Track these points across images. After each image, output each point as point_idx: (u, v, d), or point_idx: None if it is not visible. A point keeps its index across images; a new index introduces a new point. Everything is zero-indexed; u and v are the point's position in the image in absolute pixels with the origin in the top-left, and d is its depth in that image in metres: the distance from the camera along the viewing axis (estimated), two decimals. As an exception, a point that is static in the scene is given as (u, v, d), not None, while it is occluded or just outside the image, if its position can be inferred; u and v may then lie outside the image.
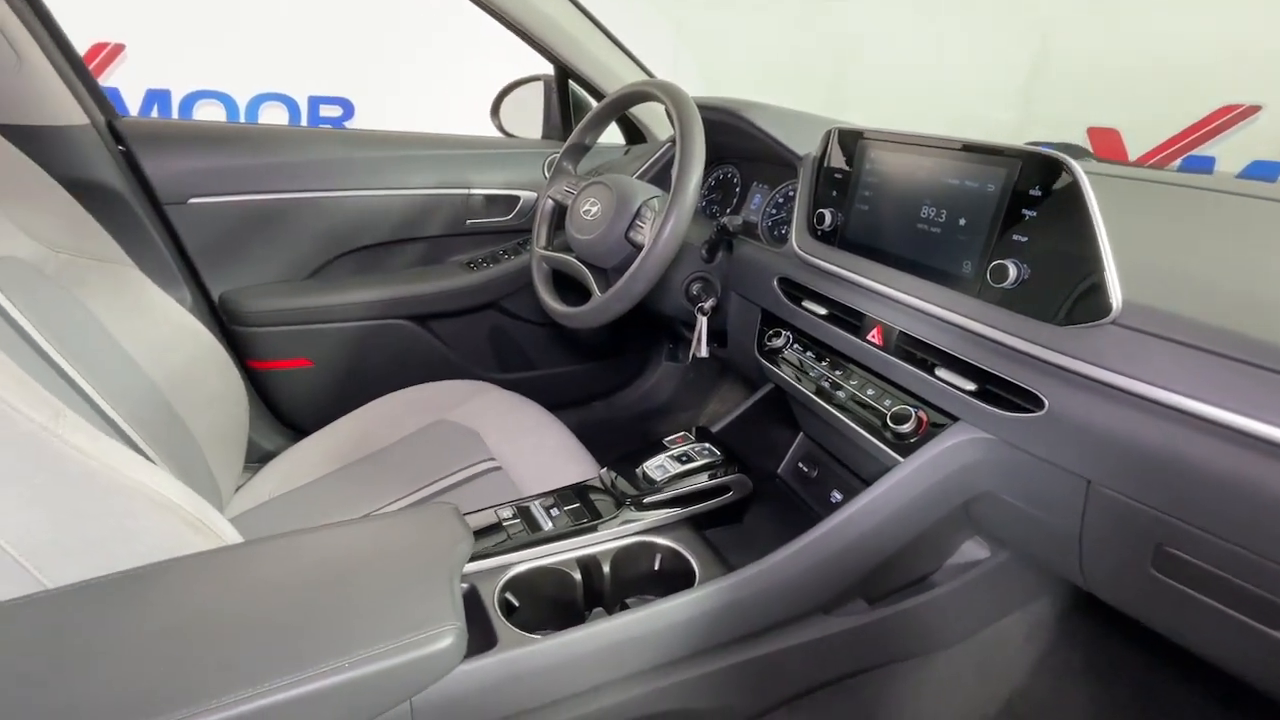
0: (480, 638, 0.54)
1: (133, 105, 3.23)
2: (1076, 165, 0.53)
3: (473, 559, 0.61)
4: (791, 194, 0.99)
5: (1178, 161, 2.35)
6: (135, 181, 1.02)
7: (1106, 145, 2.51)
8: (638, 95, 0.97)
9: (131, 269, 0.86)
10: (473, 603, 0.58)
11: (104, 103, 1.01)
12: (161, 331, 0.86)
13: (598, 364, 1.51)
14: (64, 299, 0.73)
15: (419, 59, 3.46)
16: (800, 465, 0.96)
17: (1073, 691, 0.89)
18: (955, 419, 0.64)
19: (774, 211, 1.05)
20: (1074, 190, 0.53)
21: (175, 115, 3.43)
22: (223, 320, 1.13)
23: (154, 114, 3.32)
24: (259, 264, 1.15)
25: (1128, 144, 2.45)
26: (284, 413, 1.22)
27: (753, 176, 1.13)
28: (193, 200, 1.07)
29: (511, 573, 0.62)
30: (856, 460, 0.85)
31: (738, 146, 1.12)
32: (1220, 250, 0.58)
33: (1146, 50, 2.32)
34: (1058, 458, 0.56)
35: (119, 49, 3.22)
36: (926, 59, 2.90)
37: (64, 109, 0.94)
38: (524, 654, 0.53)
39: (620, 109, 1.03)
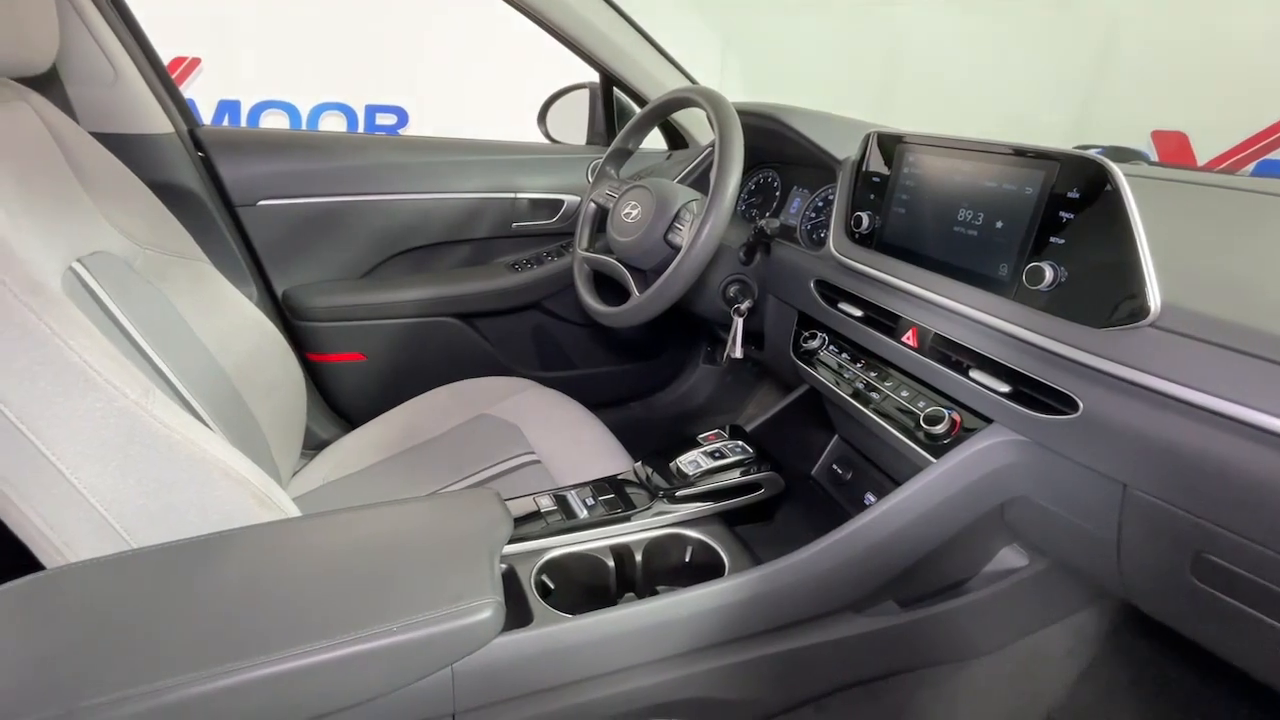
0: (517, 615, 0.57)
1: (207, 114, 3.45)
2: (1115, 167, 0.53)
3: (512, 542, 0.64)
4: (831, 197, 0.99)
5: (1250, 167, 2.23)
6: (212, 185, 1.10)
7: (1172, 149, 2.41)
8: (679, 101, 1.00)
9: (206, 265, 0.93)
10: (511, 582, 0.61)
11: (186, 113, 1.10)
12: (231, 323, 0.92)
13: (636, 365, 1.54)
14: (149, 291, 0.80)
15: (469, 68, 3.59)
16: (834, 467, 0.97)
17: (1116, 709, 0.87)
18: (989, 421, 0.64)
19: (813, 215, 1.06)
20: (1112, 192, 0.53)
21: (244, 123, 3.64)
22: (285, 315, 1.21)
23: (225, 122, 3.53)
24: (319, 262, 1.22)
25: (1196, 148, 2.35)
26: (338, 403, 1.28)
27: (793, 180, 1.14)
28: (262, 202, 1.15)
29: (548, 556, 0.65)
30: (891, 463, 0.85)
31: (778, 151, 1.13)
32: (1269, 253, 0.57)
33: (1218, 49, 2.22)
34: (1093, 461, 0.55)
35: (196, 62, 3.43)
36: (976, 61, 2.84)
37: (153, 119, 1.02)
38: (558, 631, 0.56)
39: (662, 115, 1.06)
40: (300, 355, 1.15)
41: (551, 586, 0.65)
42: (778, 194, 1.18)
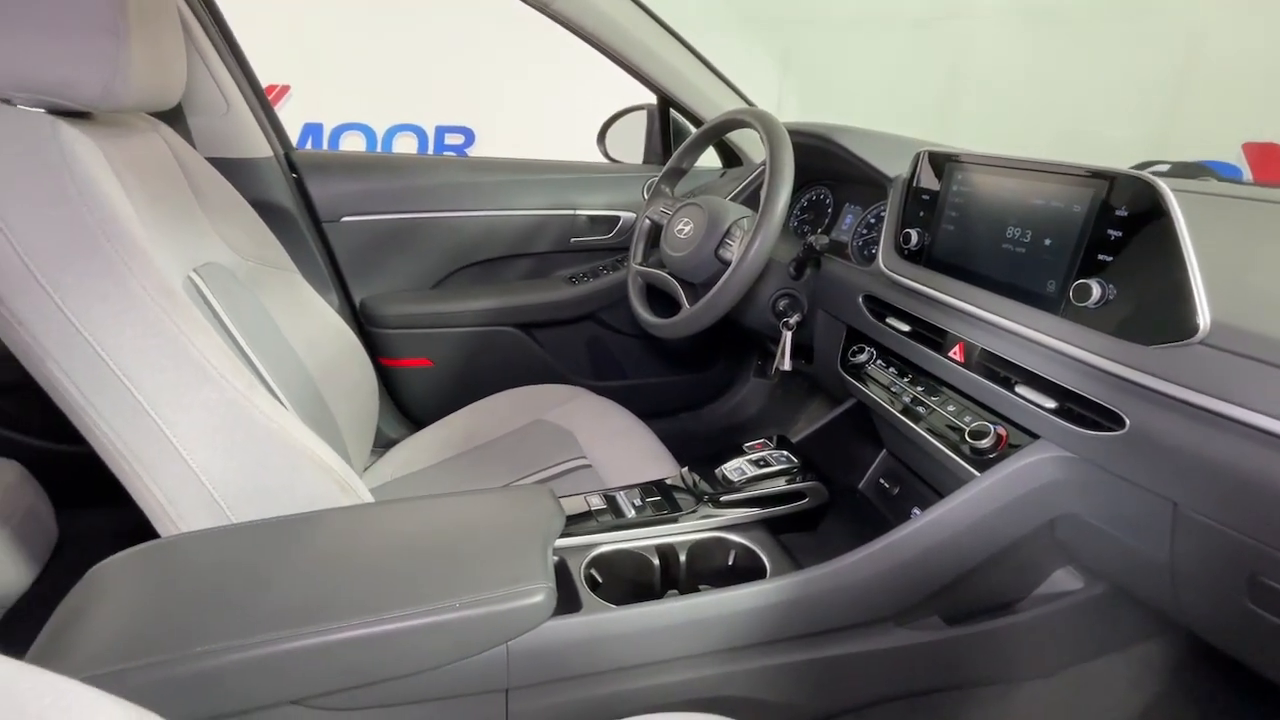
0: (567, 602, 0.61)
1: (293, 136, 3.73)
2: (1164, 185, 0.53)
3: (563, 536, 0.69)
4: (882, 214, 1.01)
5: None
6: (302, 202, 1.21)
7: (1267, 162, 2.28)
8: (732, 123, 1.04)
9: (296, 275, 1.02)
10: (562, 573, 0.65)
11: (283, 137, 1.21)
12: (316, 329, 1.01)
13: (688, 376, 1.57)
14: (248, 297, 0.89)
15: (533, 91, 3.75)
16: (881, 481, 0.97)
17: None
18: (1035, 437, 0.64)
19: (864, 232, 1.07)
20: (1161, 210, 0.53)
21: (325, 144, 3.92)
22: (361, 322, 1.30)
23: (309, 143, 3.81)
24: (394, 274, 1.32)
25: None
26: (406, 405, 1.37)
27: (845, 198, 1.16)
28: (345, 218, 1.25)
29: (596, 551, 0.69)
30: (938, 478, 0.85)
31: (830, 169, 1.15)
32: None
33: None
34: (1140, 478, 0.55)
35: (286, 88, 3.72)
36: (1046, 76, 2.76)
37: (256, 144, 1.14)
38: (604, 619, 0.60)
39: (716, 135, 1.10)
40: (374, 360, 1.24)
41: (600, 580, 0.68)
42: (830, 211, 1.19)
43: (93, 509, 1.02)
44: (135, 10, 0.61)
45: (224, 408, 0.60)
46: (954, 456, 0.71)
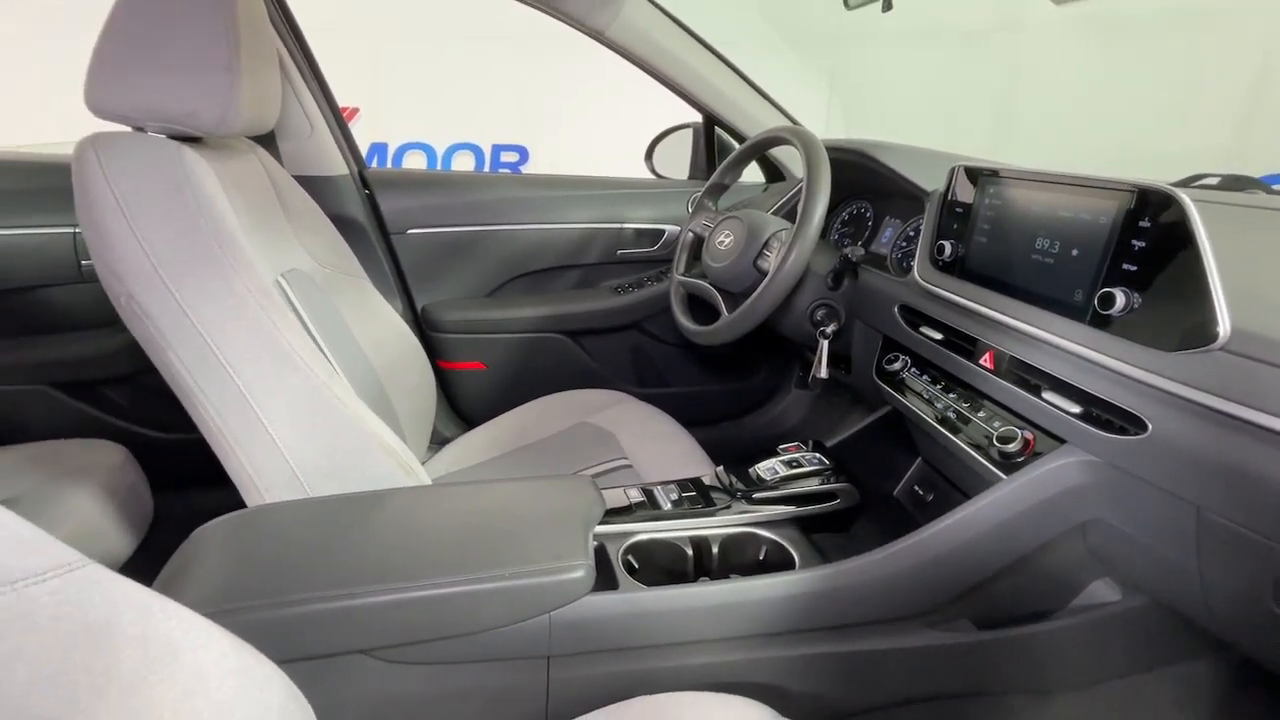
0: (605, 581, 0.66)
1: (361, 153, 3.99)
2: (1184, 196, 0.55)
3: (603, 523, 0.74)
4: (920, 228, 1.03)
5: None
6: (373, 216, 1.32)
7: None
8: (773, 140, 1.09)
9: (366, 282, 1.12)
10: (601, 557, 0.70)
11: (358, 156, 1.33)
12: (382, 332, 1.10)
13: (729, 386, 1.61)
14: (325, 301, 0.98)
15: (584, 111, 3.89)
16: (916, 488, 0.99)
17: None
18: (1062, 442, 0.66)
19: (904, 244, 1.10)
20: (1182, 220, 0.55)
21: (390, 162, 4.16)
22: (422, 326, 1.40)
23: (375, 161, 4.05)
24: (452, 282, 1.41)
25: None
26: (460, 406, 1.45)
27: (885, 212, 1.19)
28: (410, 231, 1.36)
29: (633, 539, 0.74)
30: (970, 484, 0.87)
31: (870, 184, 1.18)
32: None
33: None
34: (1164, 482, 0.57)
35: (355, 111, 3.97)
36: (1109, 89, 2.69)
37: (335, 163, 1.25)
38: (639, 597, 0.64)
39: (757, 152, 1.15)
40: (433, 362, 1.33)
41: (636, 566, 0.73)
42: (870, 224, 1.22)
43: (183, 491, 1.14)
44: (245, 50, 0.70)
45: (307, 394, 0.68)
46: (982, 460, 0.73)
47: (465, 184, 1.43)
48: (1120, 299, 0.59)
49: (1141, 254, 0.59)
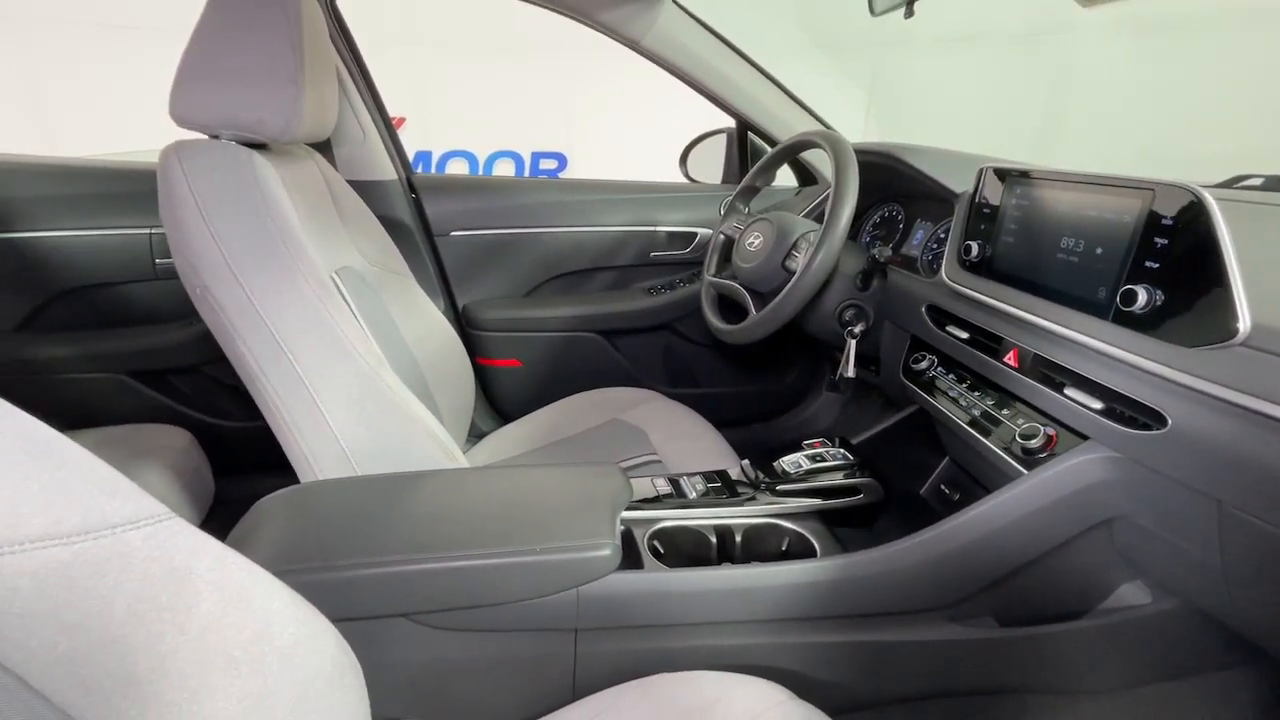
0: (631, 563, 0.69)
1: (407, 163, 4.17)
2: (1206, 193, 0.56)
3: (631, 509, 0.77)
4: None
5: None
6: (419, 219, 1.39)
7: None
8: (802, 144, 1.11)
9: (411, 280, 1.18)
10: (628, 541, 0.74)
11: (405, 162, 1.40)
12: (425, 327, 1.16)
13: (760, 387, 1.62)
14: (374, 297, 1.05)
15: (621, 118, 3.96)
16: (942, 487, 0.99)
17: None
18: (1085, 438, 0.67)
19: (934, 246, 1.10)
20: (1204, 217, 0.56)
21: (434, 169, 4.30)
22: (463, 324, 1.46)
23: (420, 168, 4.21)
24: (492, 282, 1.47)
25: None
26: (497, 401, 1.51)
27: (916, 214, 1.19)
28: (453, 233, 1.42)
29: (659, 525, 0.77)
30: (998, 484, 0.86)
31: (901, 187, 1.19)
32: None
33: None
34: (1184, 476, 0.57)
35: (401, 120, 4.13)
36: (1154, 91, 2.61)
37: (385, 168, 1.33)
38: (663, 577, 0.67)
39: (787, 156, 1.17)
40: (472, 358, 1.39)
41: (661, 550, 0.76)
42: (901, 226, 1.23)
43: (242, 476, 1.22)
44: (309, 65, 0.77)
45: (358, 380, 0.74)
46: (1005, 456, 0.74)
47: (506, 188, 1.50)
48: (1142, 296, 0.60)
49: (1163, 251, 0.60)
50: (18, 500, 0.30)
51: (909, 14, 0.98)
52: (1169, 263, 0.59)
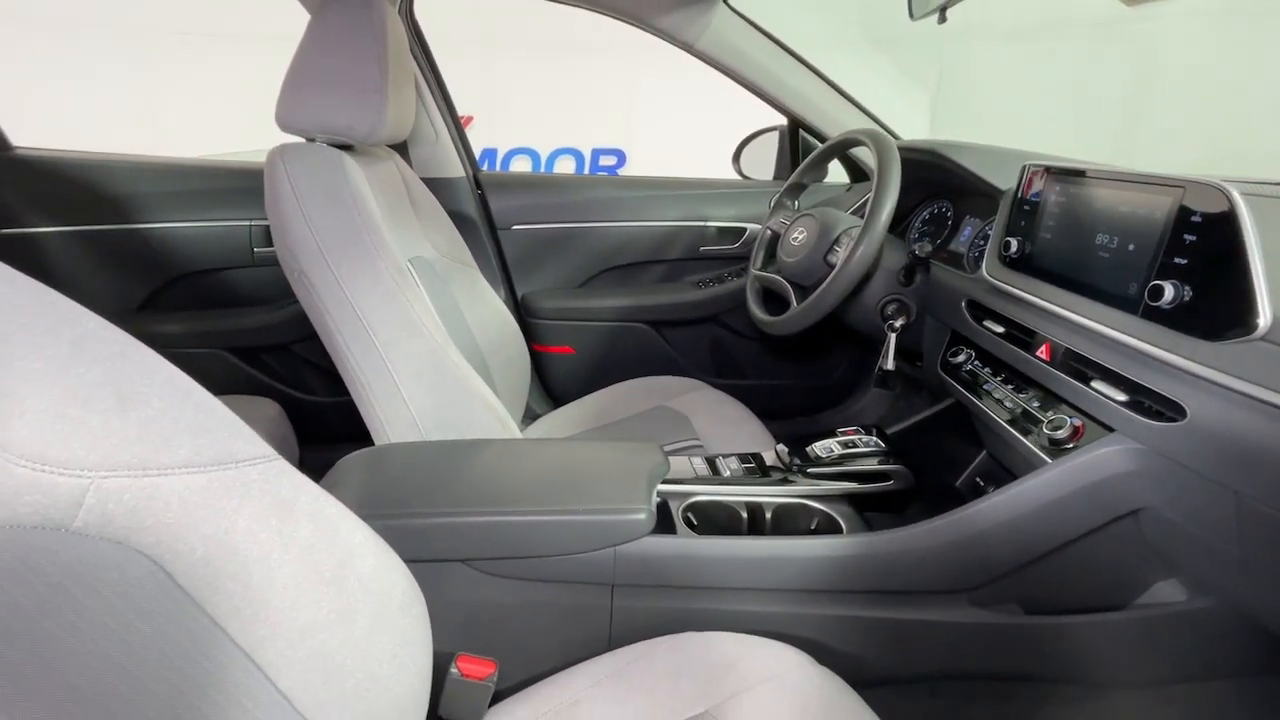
0: (666, 530, 0.76)
1: (473, 160, 4.37)
2: (1234, 190, 0.57)
3: (668, 483, 0.83)
4: None
5: None
6: (484, 213, 1.49)
7: None
8: (848, 142, 1.14)
9: (475, 271, 1.27)
10: (664, 511, 0.80)
11: (473, 161, 1.50)
12: (487, 314, 1.26)
13: (806, 381, 1.65)
14: (442, 285, 1.14)
15: (677, 116, 4.02)
16: (978, 480, 1.00)
17: None
18: (1111, 430, 0.68)
19: (980, 243, 1.11)
20: (1230, 214, 0.57)
21: (499, 166, 4.48)
22: (521, 312, 1.56)
23: (486, 165, 4.39)
24: (549, 273, 1.56)
25: None
26: (550, 385, 1.60)
27: (965, 210, 1.20)
28: (515, 227, 1.52)
29: (693, 499, 0.83)
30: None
31: (950, 183, 1.20)
32: None
33: None
34: (1204, 467, 0.58)
35: (469, 119, 4.32)
36: (1248, 80, 2.46)
37: (454, 166, 1.43)
38: (693, 543, 0.73)
39: (834, 154, 1.20)
40: (529, 345, 1.49)
41: (694, 522, 0.82)
42: (949, 222, 1.24)
43: (323, 446, 1.35)
44: (392, 76, 0.86)
45: (428, 356, 0.83)
46: (1032, 447, 0.76)
47: (564, 185, 1.58)
48: (1169, 291, 0.61)
49: (1191, 247, 0.61)
50: (169, 435, 0.39)
51: (942, 19, 0.99)
52: (1197, 259, 0.60)
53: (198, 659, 0.38)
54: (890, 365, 1.08)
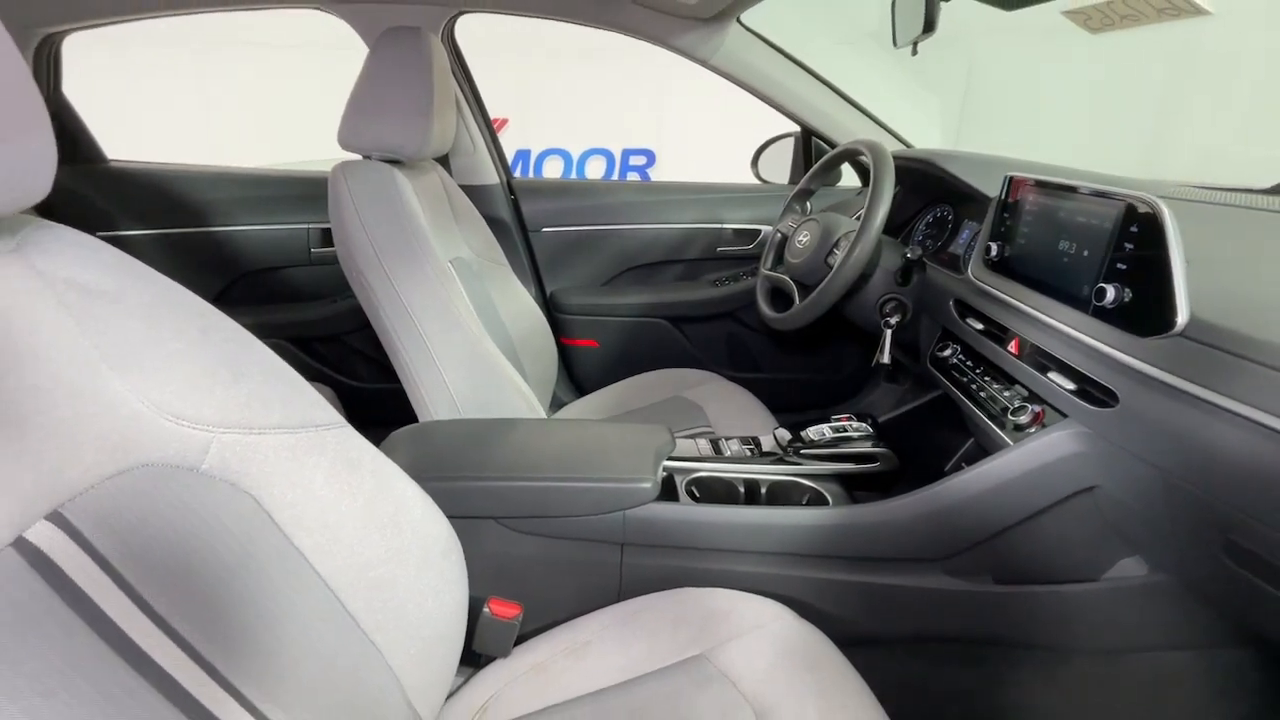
0: (670, 499, 0.87)
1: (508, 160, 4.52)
2: (1162, 204, 0.65)
3: (674, 460, 0.94)
4: None
5: None
6: (516, 217, 1.62)
7: None
8: (850, 152, 1.22)
9: (509, 270, 1.40)
10: (669, 483, 0.91)
11: (507, 169, 1.63)
12: (519, 310, 1.38)
13: (817, 376, 1.74)
14: (479, 283, 1.27)
15: (704, 117, 4.10)
16: (963, 464, 1.08)
17: None
18: (1065, 416, 0.77)
19: (975, 245, 1.19)
20: (1157, 224, 0.65)
21: (532, 166, 4.62)
22: (550, 308, 1.68)
23: (518, 167, 4.54)
24: (576, 273, 1.68)
25: None
26: (575, 376, 1.73)
27: (965, 215, 1.28)
28: (544, 230, 1.64)
29: (695, 474, 0.94)
30: None
31: (949, 189, 1.28)
32: None
33: None
34: (1135, 448, 0.67)
35: (504, 121, 4.47)
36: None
37: (489, 174, 1.57)
38: (693, 509, 0.84)
39: (838, 163, 1.29)
40: (556, 338, 1.61)
41: (696, 495, 0.93)
42: (950, 226, 1.31)
43: (371, 428, 1.49)
44: (437, 98, 0.99)
45: (466, 346, 0.96)
46: (1000, 432, 0.85)
47: (591, 191, 1.70)
48: (1111, 293, 0.69)
49: (1130, 254, 0.69)
50: (267, 403, 0.51)
51: (915, 52, 1.07)
52: (1133, 264, 0.68)
53: (288, 578, 0.50)
54: (886, 359, 1.17)
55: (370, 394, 1.61)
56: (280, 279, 1.61)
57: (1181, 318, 0.62)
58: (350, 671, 0.54)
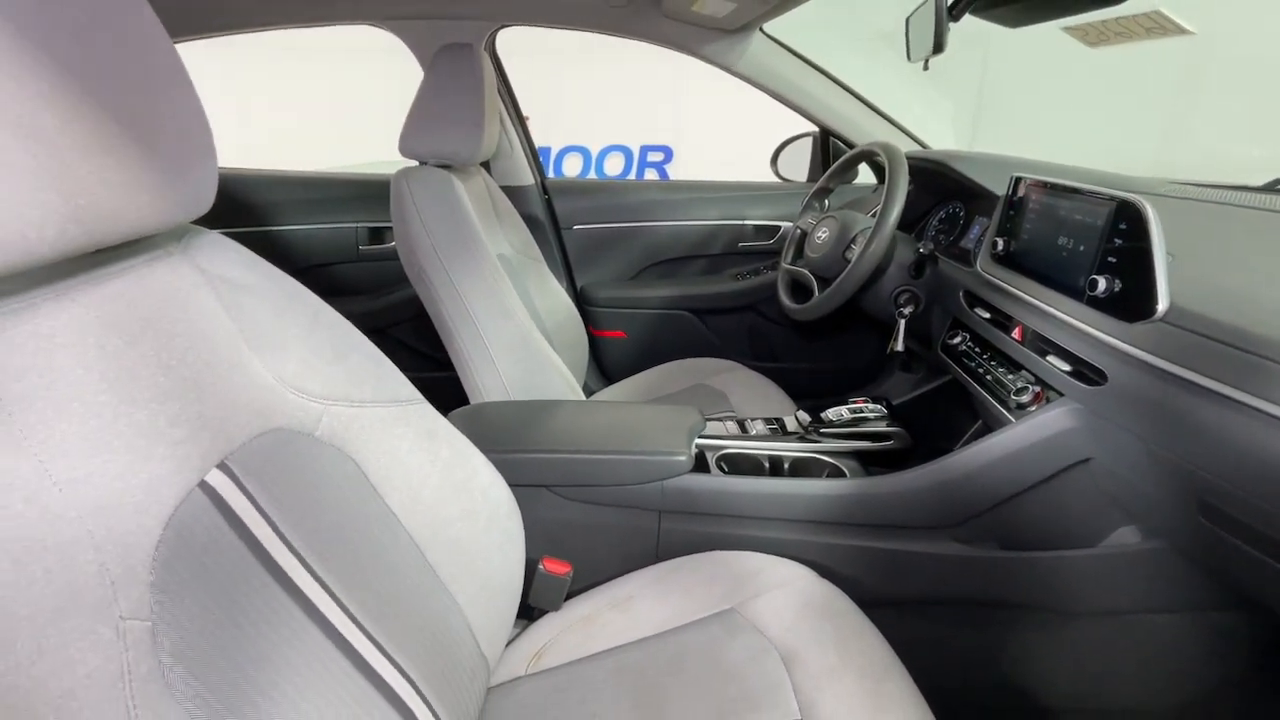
0: (702, 471, 0.96)
1: (529, 160, 4.60)
2: (1145, 203, 0.73)
3: (704, 438, 1.04)
4: None
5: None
6: (550, 215, 1.72)
7: None
8: (865, 153, 1.30)
9: (543, 265, 1.50)
10: (700, 459, 1.00)
11: (541, 170, 1.73)
12: (553, 302, 1.48)
13: (835, 365, 1.82)
14: (518, 278, 1.37)
15: (722, 115, 4.17)
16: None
17: (1229, 701, 0.92)
18: (1061, 395, 0.85)
19: (984, 240, 1.26)
20: (1141, 220, 0.73)
21: (552, 164, 4.73)
22: (581, 301, 1.78)
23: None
24: (605, 267, 1.78)
25: None
26: (604, 365, 1.82)
27: (976, 212, 1.35)
28: (575, 227, 1.74)
29: (724, 451, 1.03)
30: None
31: (961, 188, 1.35)
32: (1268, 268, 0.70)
33: None
34: (1123, 422, 0.75)
35: (527, 119, 4.57)
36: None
37: (525, 175, 1.67)
38: (723, 480, 0.93)
39: (854, 164, 1.37)
40: (587, 329, 1.71)
41: (725, 470, 1.02)
42: (961, 222, 1.39)
43: None
44: (486, 109, 1.09)
45: (515, 334, 1.06)
46: (1003, 410, 0.93)
47: (619, 190, 1.79)
48: (1102, 283, 0.77)
49: (1119, 249, 0.77)
50: (364, 380, 0.61)
51: (926, 67, 1.15)
52: (1121, 257, 0.76)
53: (384, 532, 0.60)
54: (900, 348, 1.25)
55: (417, 384, 1.71)
56: (330, 275, 1.72)
57: (1162, 305, 0.69)
58: (437, 616, 0.64)
